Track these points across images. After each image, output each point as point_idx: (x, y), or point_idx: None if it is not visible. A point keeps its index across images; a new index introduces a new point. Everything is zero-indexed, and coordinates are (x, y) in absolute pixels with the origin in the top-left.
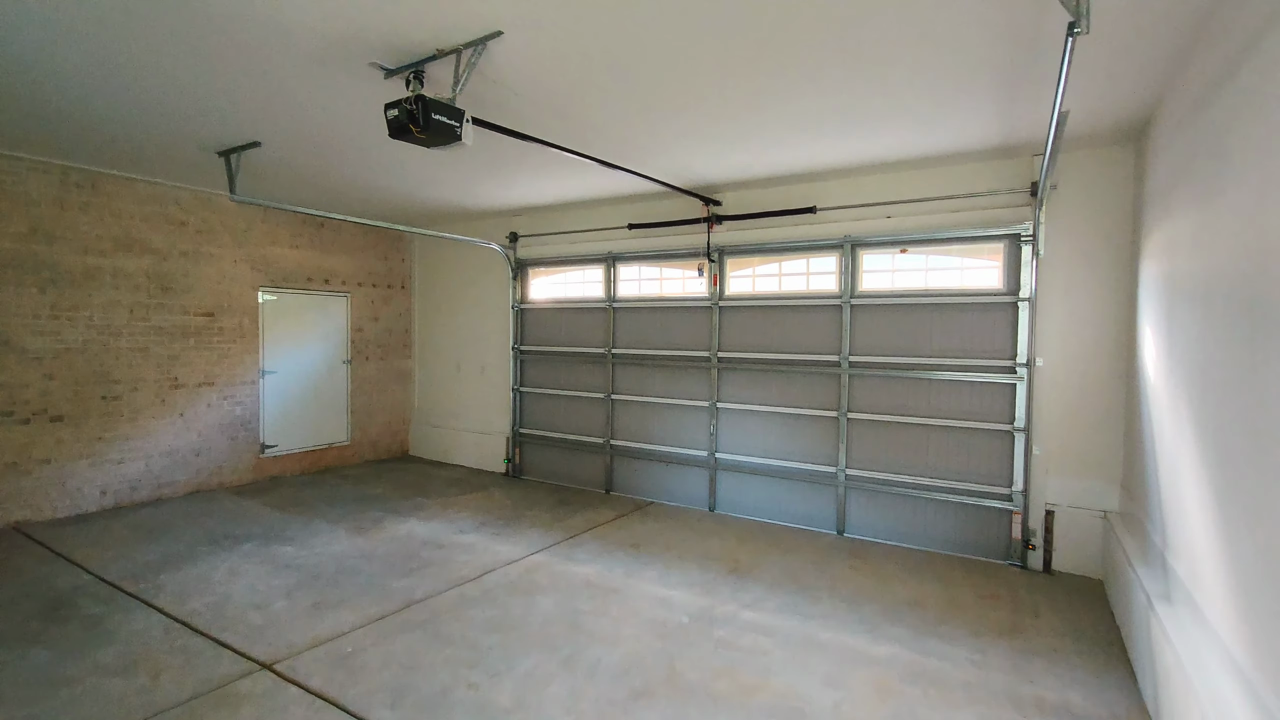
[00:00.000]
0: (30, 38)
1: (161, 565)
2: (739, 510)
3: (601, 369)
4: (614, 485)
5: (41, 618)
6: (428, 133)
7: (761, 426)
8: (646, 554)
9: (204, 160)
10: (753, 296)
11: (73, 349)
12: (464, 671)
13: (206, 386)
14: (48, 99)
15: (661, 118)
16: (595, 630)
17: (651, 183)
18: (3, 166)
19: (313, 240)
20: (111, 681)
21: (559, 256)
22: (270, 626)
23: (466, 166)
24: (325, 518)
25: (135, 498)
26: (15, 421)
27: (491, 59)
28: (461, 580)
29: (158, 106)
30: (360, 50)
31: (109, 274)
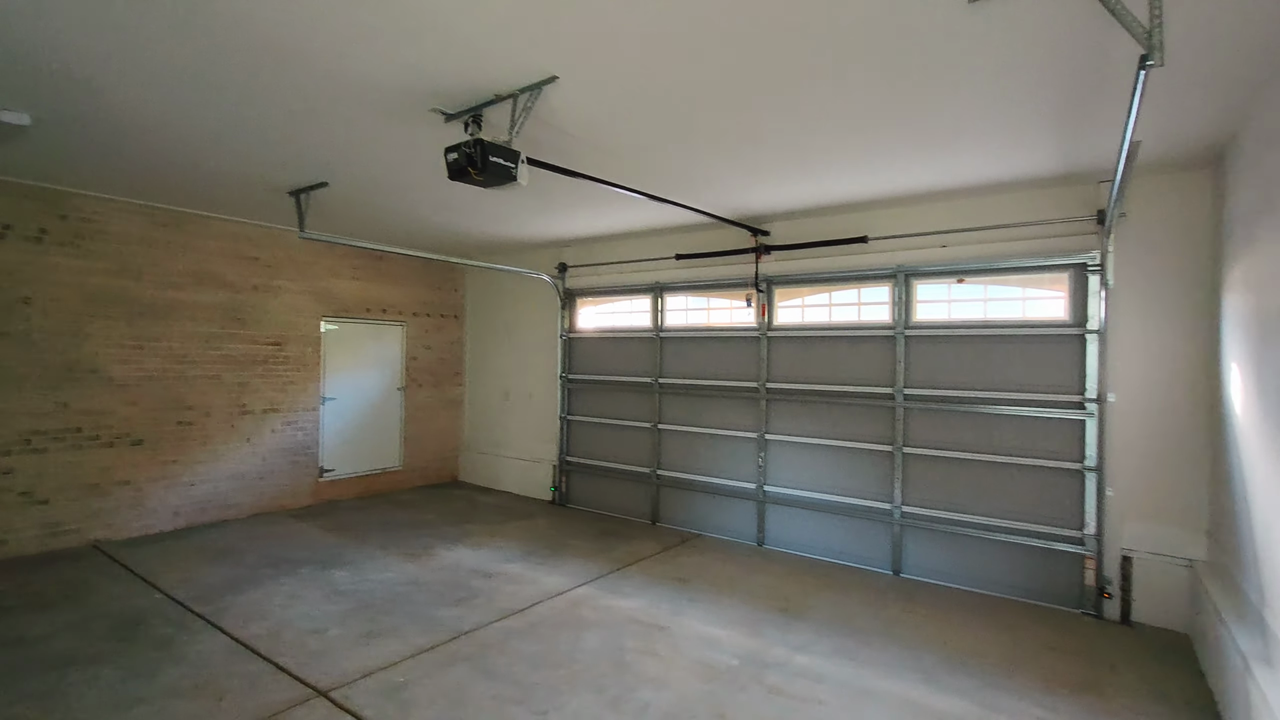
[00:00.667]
0: (125, 92)
1: (226, 587)
2: (788, 545)
3: (648, 398)
4: (660, 516)
5: (116, 636)
6: (485, 174)
7: (812, 459)
8: (693, 590)
9: (275, 200)
10: (802, 327)
11: (152, 377)
12: (511, 709)
13: (272, 413)
14: (140, 146)
15: (711, 153)
16: (642, 670)
17: (699, 215)
18: (97, 209)
19: (371, 272)
20: (179, 703)
21: (607, 286)
22: (326, 653)
23: (518, 202)
24: (378, 543)
25: (203, 519)
26: (99, 445)
27: (546, 102)
28: (508, 612)
29: (238, 152)
30: (423, 97)
31: (187, 306)
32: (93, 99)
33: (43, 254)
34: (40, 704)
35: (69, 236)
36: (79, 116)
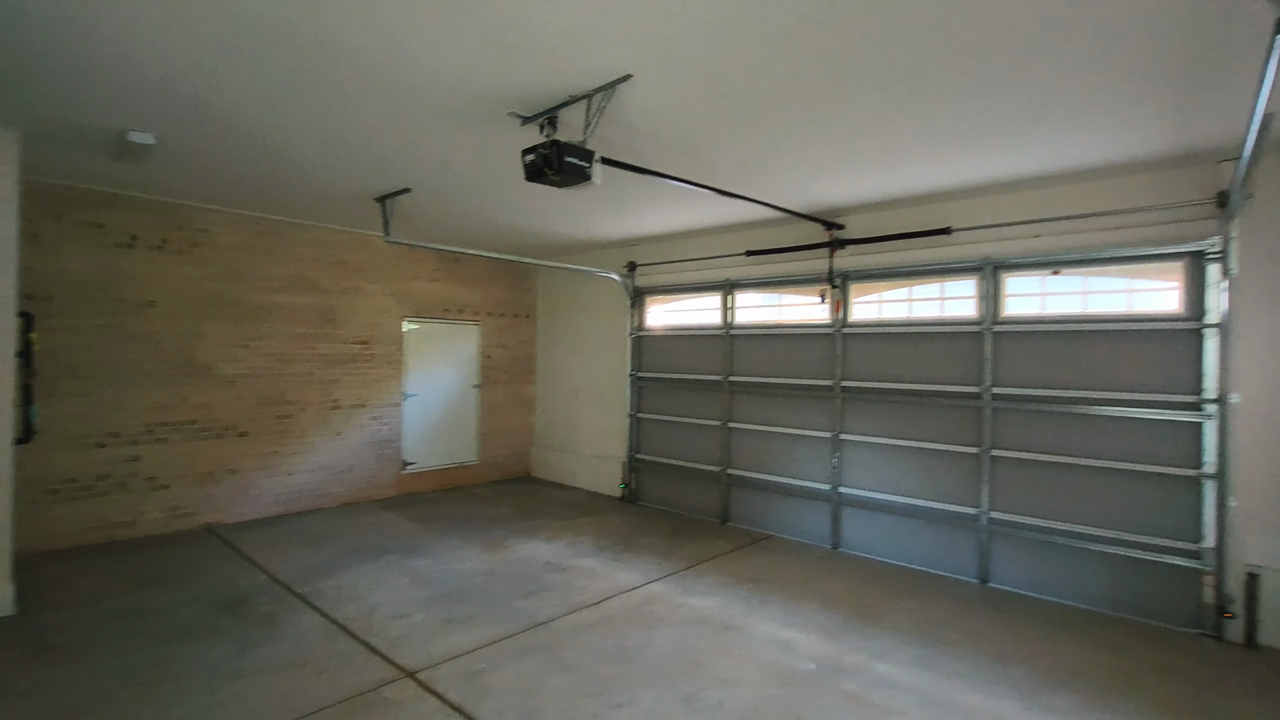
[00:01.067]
0: (232, 112)
1: (321, 571)
2: (864, 550)
3: (718, 396)
4: (730, 515)
5: (226, 613)
6: (561, 174)
7: (890, 461)
8: (765, 591)
9: (363, 207)
10: (879, 323)
11: (256, 374)
12: (587, 701)
13: (359, 408)
14: (245, 161)
15: (785, 146)
16: (715, 670)
17: (771, 209)
18: (208, 220)
19: (449, 274)
20: (284, 676)
21: (676, 284)
22: (411, 637)
23: (590, 201)
24: (456, 534)
25: (299, 506)
26: (211, 436)
27: (620, 101)
28: (581, 605)
29: (329, 164)
30: (501, 102)
31: (285, 309)
32: (205, 119)
33: (164, 262)
34: (167, 669)
35: (185, 245)
36: (194, 136)
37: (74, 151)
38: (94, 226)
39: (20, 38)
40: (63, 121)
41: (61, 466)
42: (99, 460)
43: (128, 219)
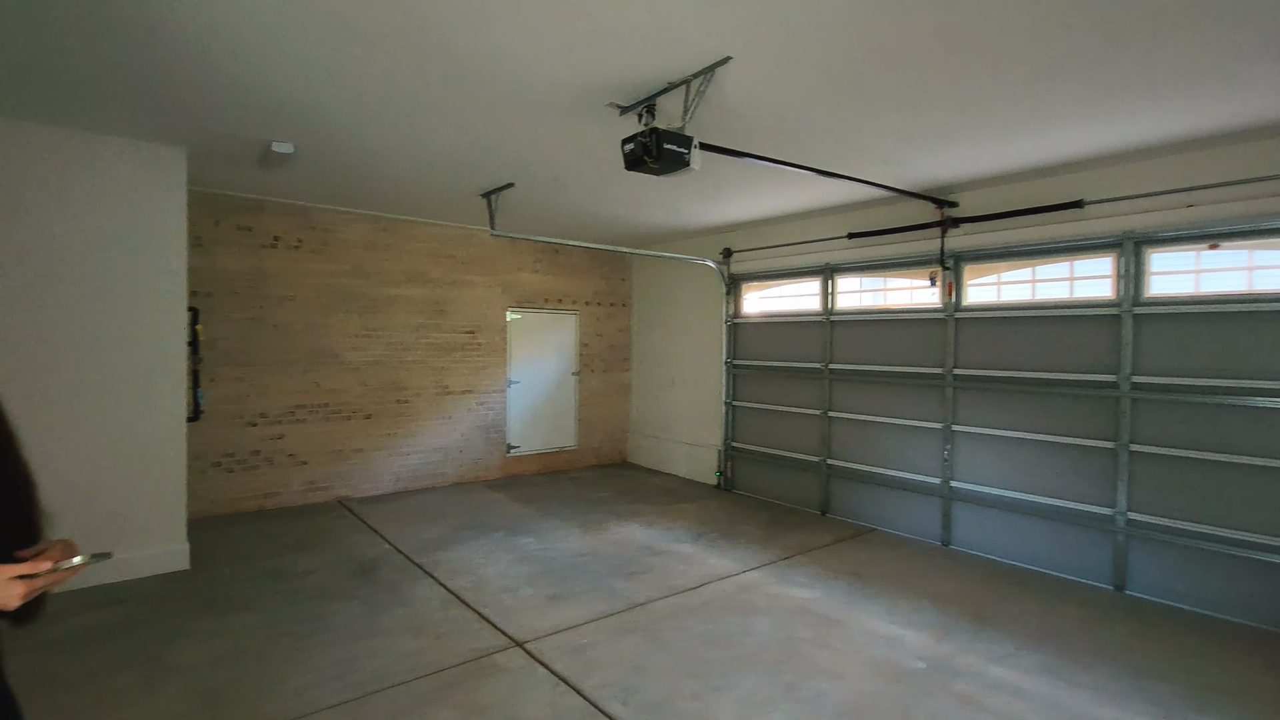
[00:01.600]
0: (355, 119)
1: (437, 544)
2: (978, 548)
3: (818, 385)
4: (830, 507)
5: (358, 577)
6: (660, 162)
7: (1009, 454)
8: (869, 585)
9: (470, 203)
10: (997, 306)
11: (377, 361)
12: (686, 681)
13: (468, 394)
14: (366, 165)
15: (892, 122)
16: (816, 661)
17: (875, 189)
18: (335, 220)
19: (549, 265)
20: (407, 637)
21: (773, 270)
22: (519, 609)
23: (685, 188)
24: (558, 515)
25: (415, 485)
26: (340, 418)
27: (718, 85)
28: (678, 589)
29: (440, 163)
30: (599, 94)
31: (401, 301)
32: (333, 129)
33: (299, 260)
34: (309, 625)
35: (317, 244)
36: (324, 144)
37: (228, 163)
38: (244, 230)
39: (190, 70)
40: (220, 137)
41: (222, 442)
42: (251, 438)
43: (271, 222)
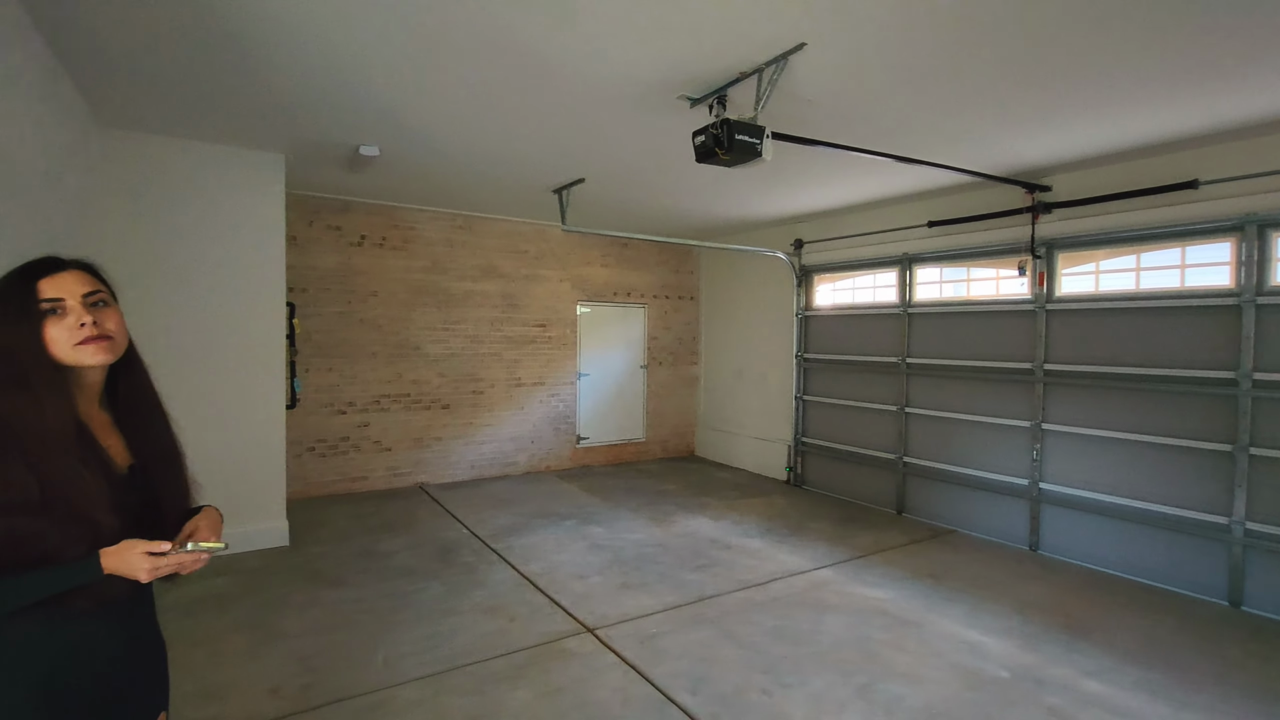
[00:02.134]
0: (433, 120)
1: (510, 530)
2: (1070, 554)
3: (894, 379)
4: (906, 506)
5: (438, 559)
6: (731, 153)
7: (1106, 456)
8: (949, 588)
9: (542, 199)
10: (1094, 297)
11: (455, 354)
12: (756, 676)
13: (539, 386)
14: (444, 164)
15: (977, 104)
16: (892, 663)
17: (959, 174)
18: (415, 218)
19: (618, 259)
20: (483, 618)
21: (847, 261)
22: (589, 597)
23: (756, 179)
24: (627, 506)
25: (489, 473)
26: (420, 408)
27: (791, 73)
28: (748, 584)
29: (514, 161)
30: (670, 86)
31: (477, 295)
32: (414, 131)
33: (384, 257)
34: (394, 601)
35: (399, 242)
36: (405, 146)
37: (320, 167)
38: (334, 229)
39: (291, 82)
40: (314, 143)
41: (315, 429)
42: (340, 425)
43: (358, 221)
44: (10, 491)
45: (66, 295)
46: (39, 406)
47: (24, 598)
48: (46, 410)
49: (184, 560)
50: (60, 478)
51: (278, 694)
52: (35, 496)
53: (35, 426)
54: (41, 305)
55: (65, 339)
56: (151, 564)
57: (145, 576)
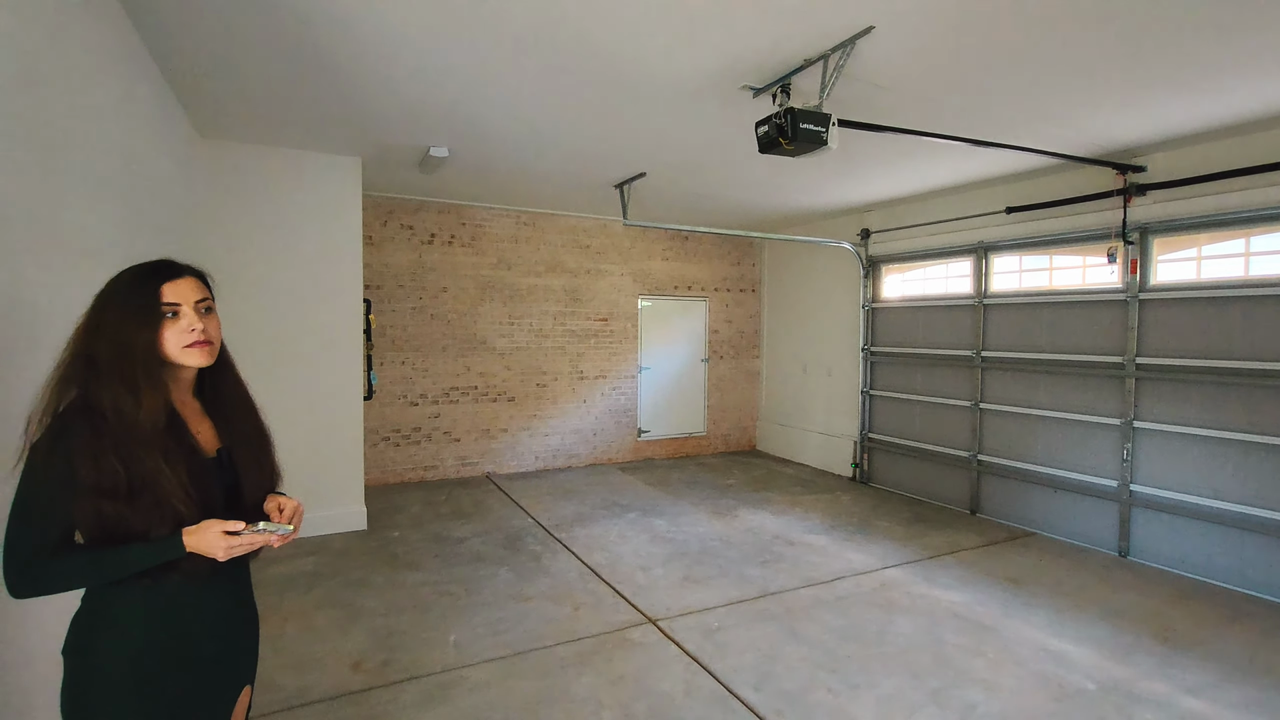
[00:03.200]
0: (499, 121)
1: (574, 520)
2: (1166, 561)
3: (967, 374)
4: (980, 506)
5: (506, 547)
6: (796, 142)
7: (1209, 457)
8: (1029, 593)
9: (604, 194)
10: (1196, 285)
11: (520, 347)
12: (822, 675)
13: (601, 379)
14: (509, 163)
15: (1061, 81)
16: (966, 669)
17: (1040, 157)
18: (483, 215)
19: (678, 252)
20: (549, 605)
21: (918, 250)
22: (651, 588)
23: (820, 168)
24: (688, 499)
25: (553, 465)
26: (488, 400)
27: (859, 58)
28: (813, 581)
29: (577, 156)
30: (732, 78)
31: (541, 290)
32: (484, 131)
33: (453, 254)
34: (465, 585)
35: (468, 239)
36: (475, 146)
37: (393, 168)
38: (406, 228)
39: (369, 90)
40: (388, 145)
41: (390, 419)
42: (413, 416)
43: (429, 220)
44: (101, 478)
45: (183, 300)
46: (139, 403)
47: (118, 570)
48: (145, 407)
49: (256, 540)
50: (145, 470)
51: (359, 668)
52: (123, 485)
53: (131, 421)
54: (162, 308)
55: (176, 341)
56: (227, 543)
57: (222, 555)
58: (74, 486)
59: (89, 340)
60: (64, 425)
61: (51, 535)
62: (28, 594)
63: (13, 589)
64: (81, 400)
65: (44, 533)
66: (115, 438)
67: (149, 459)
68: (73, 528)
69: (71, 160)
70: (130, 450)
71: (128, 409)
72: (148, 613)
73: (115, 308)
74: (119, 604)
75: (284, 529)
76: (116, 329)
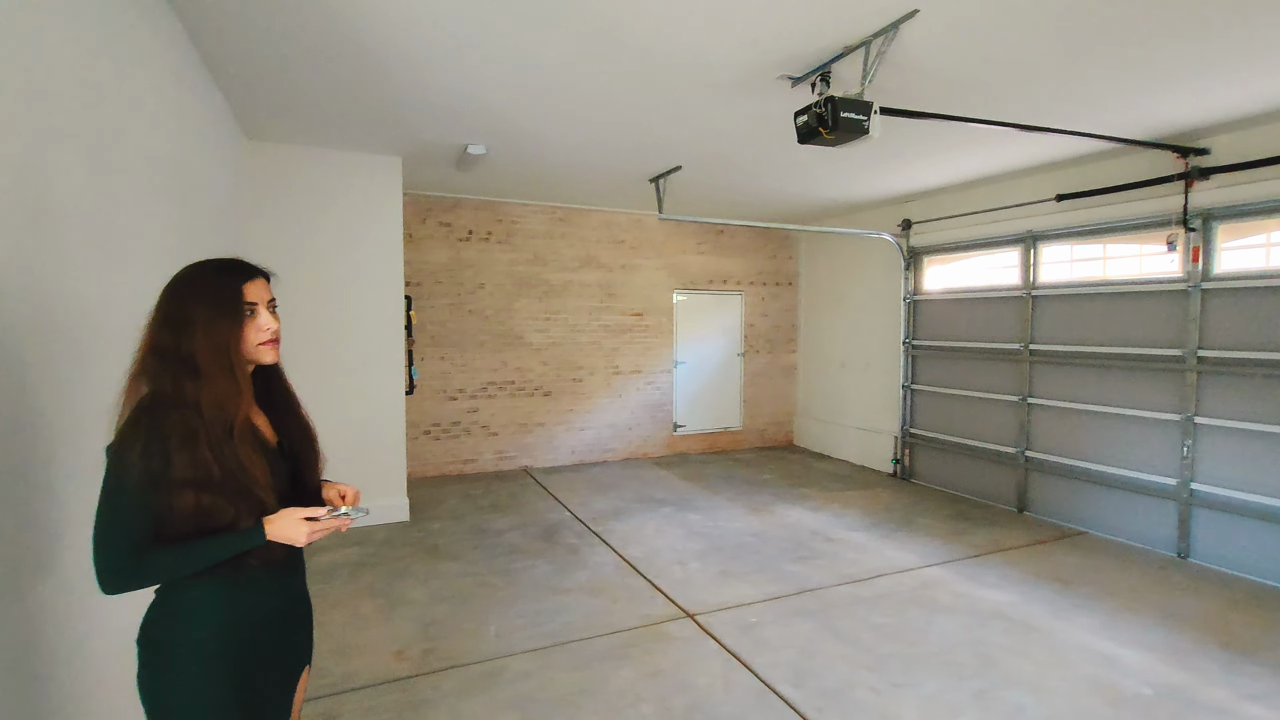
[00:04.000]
0: (534, 119)
1: (610, 514)
2: (1229, 564)
3: (1014, 368)
4: (1028, 504)
5: (543, 539)
6: (836, 132)
7: (1274, 454)
8: (1079, 594)
9: (638, 188)
10: (1264, 274)
11: (556, 342)
12: (863, 673)
13: (636, 374)
14: (544, 159)
15: (1120, 62)
16: (1013, 670)
17: (1094, 141)
18: (519, 212)
19: (713, 246)
20: (587, 598)
21: (962, 241)
22: (688, 582)
23: (859, 158)
24: (724, 494)
25: (588, 459)
26: (524, 395)
27: (901, 43)
28: (852, 578)
29: (612, 151)
30: (770, 67)
31: (576, 285)
32: (521, 127)
33: (489, 250)
34: (504, 577)
35: (503, 235)
36: (512, 142)
37: (431, 167)
38: (444, 225)
39: (410, 90)
40: (427, 144)
41: (430, 413)
42: (452, 410)
43: (466, 217)
44: (198, 471)
45: (259, 300)
46: (239, 397)
47: (205, 560)
48: (243, 400)
49: (333, 525)
50: (235, 462)
51: (402, 656)
52: (216, 476)
53: (231, 414)
54: (245, 306)
55: (252, 338)
56: (309, 529)
57: (304, 540)
58: (166, 481)
59: (176, 335)
60: (155, 420)
61: (144, 531)
62: (121, 590)
63: (107, 586)
64: (170, 394)
65: (138, 529)
66: (209, 431)
67: (241, 451)
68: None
69: (128, 164)
70: (222, 443)
71: (228, 403)
72: (225, 599)
73: (205, 304)
74: (196, 591)
75: (359, 512)
76: (211, 325)
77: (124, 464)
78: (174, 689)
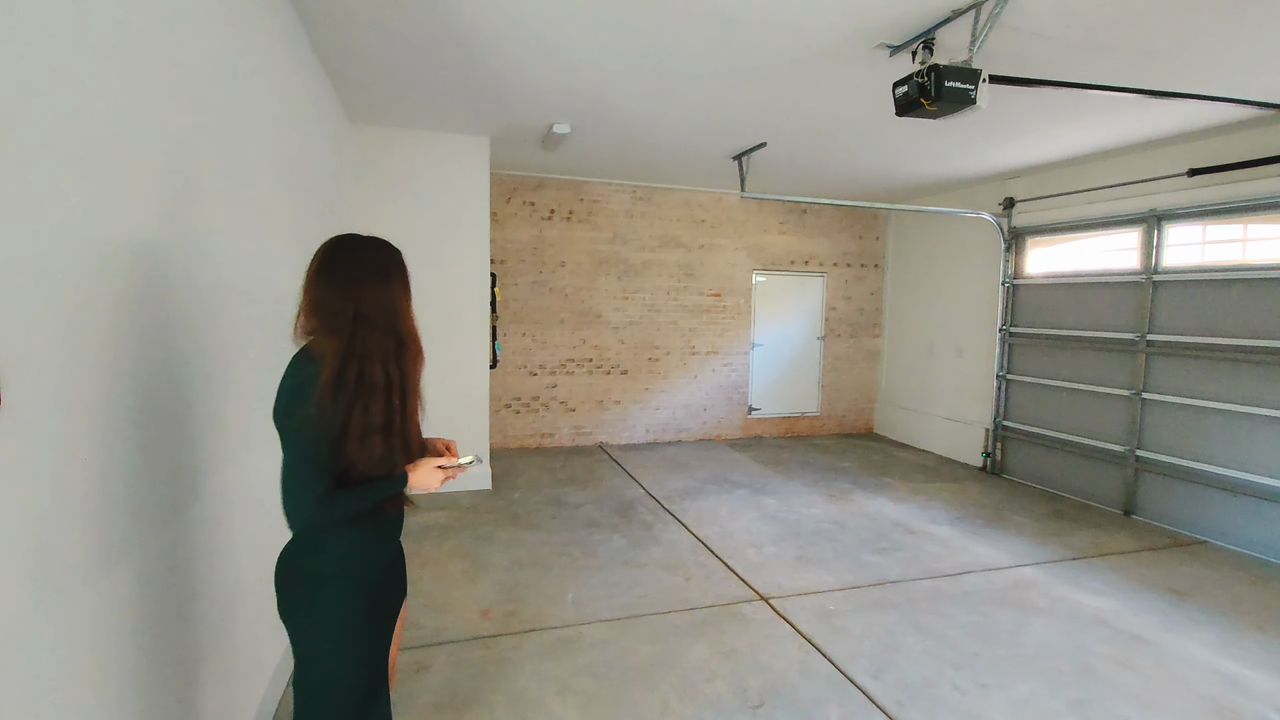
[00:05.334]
0: (618, 97)
1: (684, 494)
2: None
3: (1127, 359)
4: (1137, 507)
5: (619, 514)
6: (939, 103)
7: None
8: (1195, 607)
9: (720, 166)
10: None
11: (634, 322)
12: (948, 671)
13: (712, 355)
14: (625, 138)
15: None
16: (1117, 682)
17: (1239, 107)
18: (600, 191)
19: (796, 226)
20: (661, 574)
21: (1071, 221)
22: (763, 566)
23: (959, 132)
24: (800, 480)
25: (664, 438)
26: (602, 372)
27: (1016, 4)
28: (936, 574)
29: (696, 128)
30: (867, 35)
31: (655, 265)
32: (606, 105)
33: (571, 229)
34: (581, 549)
35: (585, 214)
36: (596, 121)
37: (517, 146)
38: (528, 204)
39: (500, 71)
40: (513, 123)
41: (512, 388)
42: (532, 386)
43: (549, 196)
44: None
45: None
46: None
47: (370, 500)
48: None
49: (457, 471)
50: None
51: (488, 616)
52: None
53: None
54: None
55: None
56: (441, 475)
57: (436, 484)
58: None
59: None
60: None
61: (334, 472)
62: (323, 525)
63: (312, 521)
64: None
65: (329, 472)
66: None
67: (408, 404)
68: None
69: (256, 149)
70: (391, 397)
71: (409, 364)
72: (365, 539)
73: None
74: (338, 532)
75: (476, 460)
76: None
77: (319, 414)
78: (325, 610)
